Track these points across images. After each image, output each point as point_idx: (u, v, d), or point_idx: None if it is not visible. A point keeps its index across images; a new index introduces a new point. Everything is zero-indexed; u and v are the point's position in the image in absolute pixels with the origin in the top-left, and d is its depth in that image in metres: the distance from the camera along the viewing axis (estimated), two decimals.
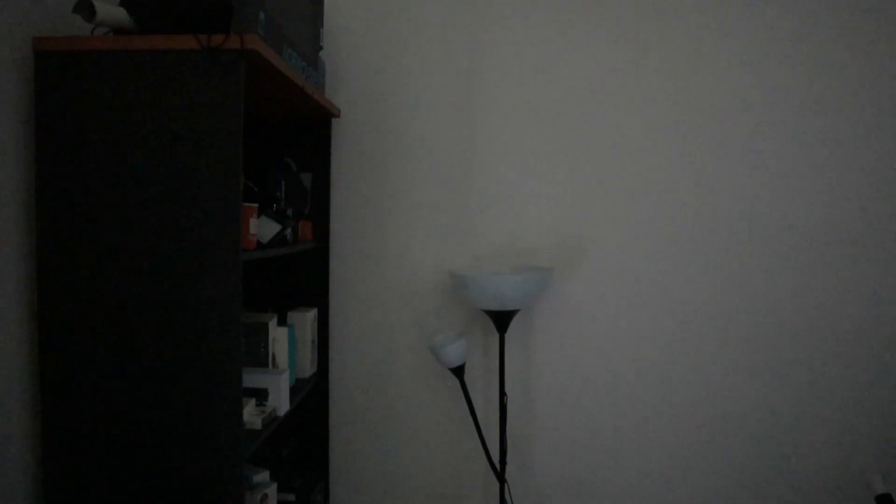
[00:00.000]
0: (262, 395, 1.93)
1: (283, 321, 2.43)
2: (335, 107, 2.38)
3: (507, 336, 2.53)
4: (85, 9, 1.55)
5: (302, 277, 2.48)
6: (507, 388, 2.53)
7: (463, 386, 2.33)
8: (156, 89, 1.58)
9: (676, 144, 2.46)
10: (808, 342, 2.45)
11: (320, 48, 2.22)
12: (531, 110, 2.49)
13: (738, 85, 2.44)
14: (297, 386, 2.22)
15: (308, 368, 2.33)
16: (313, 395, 2.50)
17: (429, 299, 2.53)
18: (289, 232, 2.09)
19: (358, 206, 2.54)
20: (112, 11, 1.58)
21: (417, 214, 2.53)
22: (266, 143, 2.47)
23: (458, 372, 2.32)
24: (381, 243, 2.53)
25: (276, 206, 2.11)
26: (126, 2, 1.62)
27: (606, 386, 2.51)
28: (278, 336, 2.09)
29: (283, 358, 2.10)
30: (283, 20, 1.81)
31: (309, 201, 2.45)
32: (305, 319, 2.30)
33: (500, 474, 2.33)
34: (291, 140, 2.47)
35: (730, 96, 2.44)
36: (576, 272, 2.50)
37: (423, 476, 2.55)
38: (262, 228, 1.92)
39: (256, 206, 1.79)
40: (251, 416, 1.81)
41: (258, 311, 2.47)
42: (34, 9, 1.68)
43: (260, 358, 2.01)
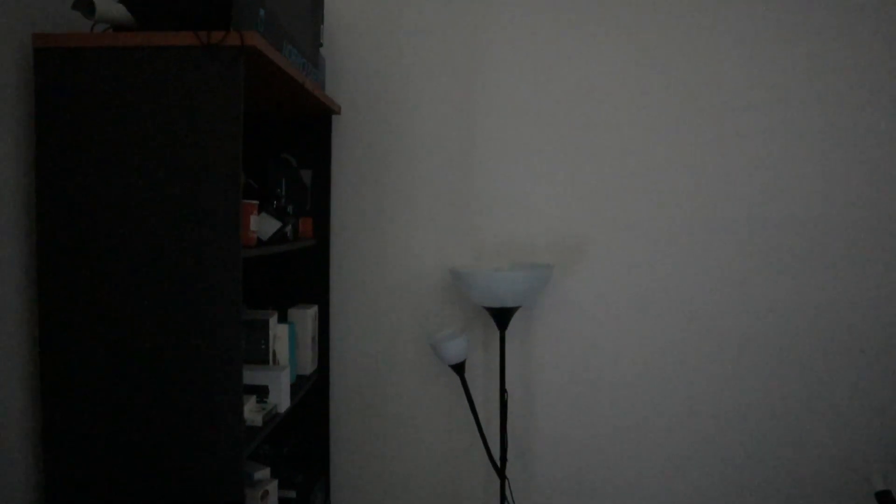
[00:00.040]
0: (262, 393, 1.93)
1: (283, 318, 2.43)
2: (335, 104, 2.37)
3: (508, 333, 2.53)
4: (84, 5, 1.55)
5: (302, 274, 2.48)
6: (508, 385, 2.53)
7: (463, 383, 2.33)
8: (155, 86, 1.57)
9: (676, 143, 2.46)
10: (808, 341, 2.45)
11: (320, 45, 2.22)
12: (532, 108, 2.49)
13: (738, 84, 2.43)
14: (298, 383, 2.22)
15: (309, 365, 2.33)
16: (314, 392, 2.50)
17: (429, 296, 2.53)
18: (289, 229, 2.09)
19: (358, 203, 2.54)
20: (112, 8, 1.58)
21: (418, 211, 2.52)
22: (266, 139, 2.47)
23: (459, 369, 2.32)
24: (382, 240, 2.53)
25: (276, 203, 2.11)
26: None
27: (607, 383, 2.51)
28: (279, 333, 2.09)
29: (283, 355, 2.10)
30: (283, 17, 1.80)
31: (309, 198, 2.45)
32: (306, 316, 2.30)
33: (500, 471, 2.34)
34: (292, 137, 2.47)
35: (730, 95, 2.44)
36: (576, 270, 2.50)
37: (423, 472, 2.55)
38: (262, 225, 1.92)
39: (257, 203, 1.79)
40: (252, 413, 1.81)
41: (259, 308, 2.47)
42: (34, 5, 1.68)
43: (260, 355, 2.01)
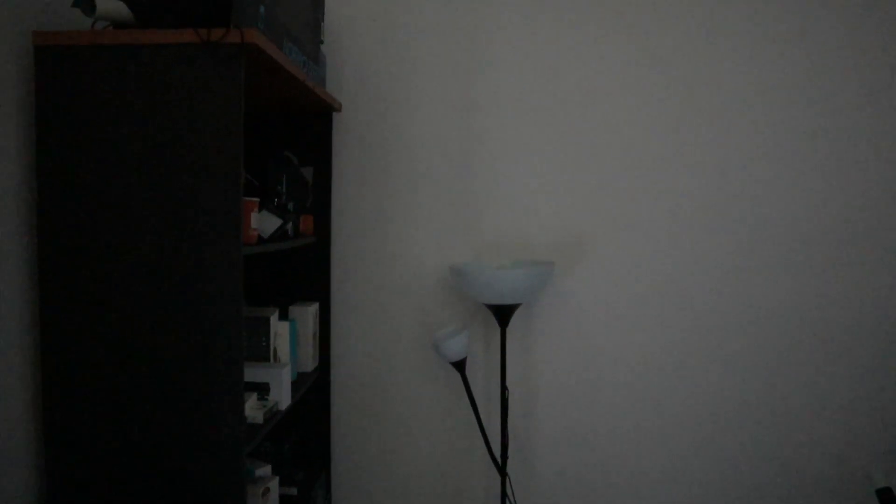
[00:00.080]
0: (263, 390, 1.93)
1: (284, 315, 2.43)
2: (336, 101, 2.37)
3: (509, 331, 2.53)
4: (85, 3, 1.55)
5: (303, 272, 2.48)
6: (509, 383, 2.53)
7: (464, 380, 2.34)
8: (156, 84, 1.57)
9: (677, 141, 2.45)
10: (808, 339, 2.44)
11: (321, 42, 2.22)
12: (533, 105, 2.49)
13: (739, 83, 2.43)
14: (299, 380, 2.23)
15: (310, 363, 2.33)
16: (315, 389, 2.50)
17: (430, 293, 2.53)
18: (290, 226, 2.09)
19: (359, 201, 2.54)
20: (112, 6, 1.58)
21: (419, 209, 2.52)
22: (267, 137, 2.46)
23: (460, 366, 2.32)
24: (383, 238, 2.53)
25: (277, 200, 2.11)
26: None
27: (608, 381, 2.51)
28: (280, 330, 2.09)
29: (284, 352, 2.10)
30: (283, 14, 1.80)
31: (310, 196, 2.45)
32: (307, 314, 2.30)
33: (501, 468, 2.34)
34: (292, 134, 2.47)
35: (731, 94, 2.43)
36: (577, 268, 2.50)
37: (424, 470, 2.56)
38: (263, 223, 1.92)
39: (257, 200, 1.79)
40: (253, 410, 1.81)
41: (260, 305, 2.47)
42: (34, 3, 1.68)
43: (261, 352, 2.01)
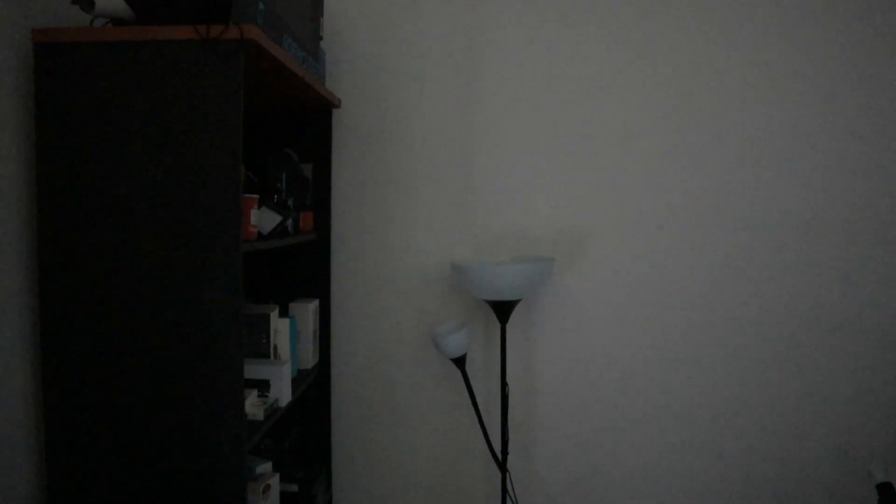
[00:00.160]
0: (263, 387, 1.93)
1: (284, 312, 2.43)
2: (336, 97, 2.37)
3: (509, 327, 2.53)
4: (84, 0, 1.55)
5: (303, 268, 2.48)
6: (509, 379, 2.53)
7: (464, 376, 2.34)
8: (155, 80, 1.57)
9: (677, 139, 2.45)
10: (808, 336, 2.45)
11: (320, 38, 2.21)
12: (533, 101, 2.48)
13: (739, 81, 2.42)
14: (299, 377, 2.23)
15: (310, 359, 2.33)
16: (315, 386, 2.50)
17: (430, 290, 2.53)
18: (290, 223, 2.09)
19: (359, 197, 2.53)
20: (111, 2, 1.57)
21: (418, 205, 2.52)
22: (266, 133, 2.46)
23: (460, 362, 2.32)
24: (383, 234, 2.53)
25: (276, 197, 2.11)
26: None
27: (608, 377, 2.51)
28: (280, 327, 2.09)
29: (284, 349, 2.10)
30: (282, 10, 1.80)
31: (310, 192, 2.45)
32: (307, 310, 2.30)
33: (501, 464, 2.34)
34: (292, 131, 2.47)
35: (731, 90, 2.43)
36: (577, 264, 2.50)
37: (425, 466, 2.56)
38: (262, 219, 1.92)
39: (257, 197, 1.79)
40: (253, 407, 1.81)
41: (260, 302, 2.47)
42: (33, 1, 1.68)
43: (261, 349, 2.01)
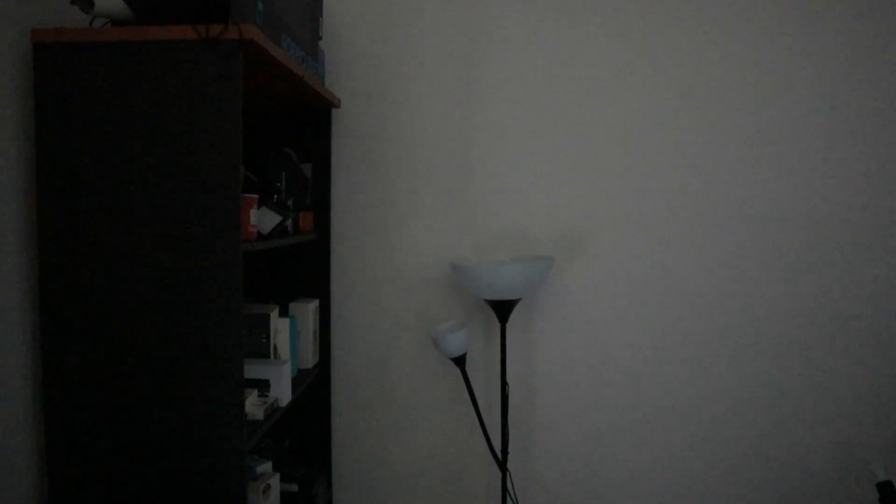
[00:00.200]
0: (263, 386, 1.93)
1: (284, 312, 2.43)
2: (335, 97, 2.37)
3: (509, 326, 2.53)
4: (83, 0, 1.55)
5: (303, 268, 2.48)
6: (509, 378, 2.53)
7: (464, 376, 2.34)
8: (154, 80, 1.57)
9: (677, 137, 2.45)
10: (808, 334, 2.45)
11: (320, 38, 2.21)
12: (533, 101, 2.48)
13: (738, 80, 2.42)
14: (299, 377, 2.23)
15: (310, 359, 2.33)
16: (315, 385, 2.50)
17: (430, 289, 2.53)
18: (289, 223, 2.09)
19: (359, 197, 2.53)
20: (110, 2, 1.57)
21: (418, 204, 2.52)
22: (266, 133, 2.46)
23: (460, 362, 2.32)
24: (383, 233, 2.53)
25: (276, 197, 2.11)
26: None
27: (608, 376, 2.51)
28: (280, 327, 2.09)
29: (284, 349, 2.10)
30: (281, 10, 1.80)
31: (310, 192, 2.45)
32: (307, 310, 2.30)
33: (501, 463, 2.34)
34: (291, 130, 2.47)
35: (731, 90, 2.43)
36: (577, 263, 2.50)
37: (425, 466, 2.56)
38: (262, 219, 1.92)
39: (256, 196, 1.79)
40: (253, 407, 1.81)
41: (260, 302, 2.47)
42: (32, 1, 1.68)
43: (261, 349, 2.01)
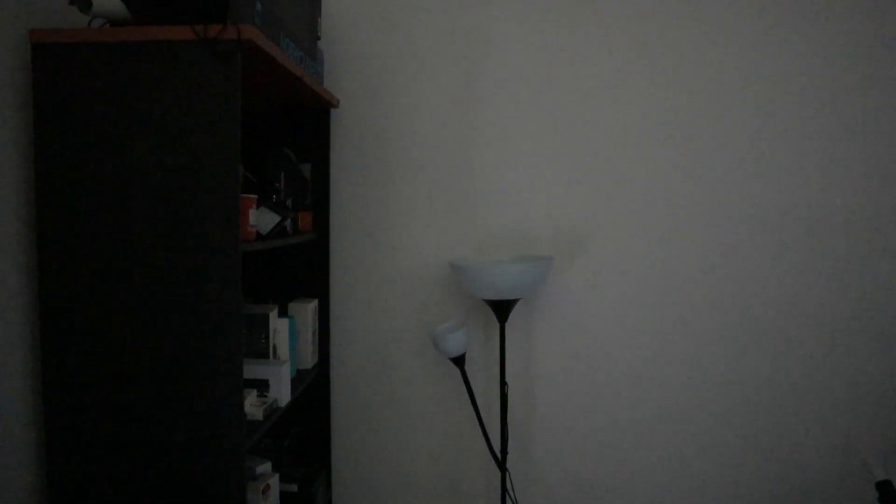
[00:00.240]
0: (263, 387, 1.93)
1: (283, 312, 2.43)
2: (334, 97, 2.37)
3: (508, 326, 2.53)
4: (81, 1, 1.55)
5: (302, 268, 2.48)
6: (508, 378, 2.53)
7: (464, 376, 2.34)
8: (153, 81, 1.57)
9: (677, 137, 2.45)
10: (808, 334, 2.45)
11: (318, 38, 2.21)
12: (532, 101, 2.48)
13: (739, 79, 2.42)
14: (299, 377, 2.23)
15: (309, 359, 2.33)
16: (314, 385, 2.50)
17: (429, 289, 2.53)
18: (288, 223, 2.09)
19: (358, 197, 2.53)
20: (108, 3, 1.57)
21: (417, 204, 2.52)
22: (265, 133, 2.46)
23: (459, 362, 2.32)
24: (382, 234, 2.53)
25: (275, 197, 2.11)
26: None
27: (607, 376, 2.51)
28: (279, 327, 2.09)
29: (283, 349, 2.10)
30: (280, 10, 1.80)
31: (309, 192, 2.45)
32: (306, 310, 2.30)
33: (501, 463, 2.34)
34: (290, 131, 2.47)
35: (731, 90, 2.43)
36: (577, 263, 2.50)
37: (424, 465, 2.56)
38: (261, 219, 1.92)
39: (255, 197, 1.79)
40: (252, 407, 1.81)
41: (259, 302, 2.47)
42: (31, 1, 1.68)
43: (261, 349, 2.01)
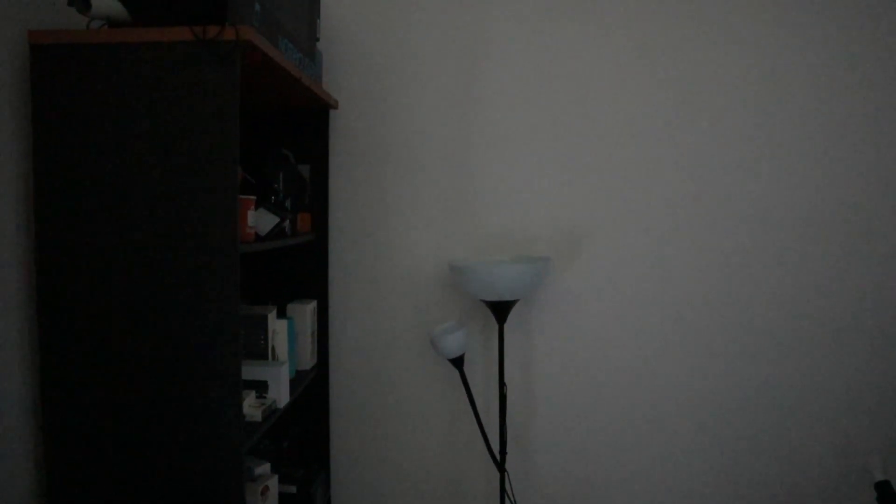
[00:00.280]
0: (261, 388, 1.93)
1: (282, 313, 2.43)
2: (333, 98, 2.37)
3: (507, 327, 2.53)
4: (80, 2, 1.55)
5: (301, 269, 2.48)
6: (507, 379, 2.53)
7: (462, 376, 2.34)
8: (151, 82, 1.57)
9: (676, 137, 2.45)
10: (807, 334, 2.45)
11: (317, 39, 2.22)
12: (531, 102, 2.49)
13: (737, 80, 2.43)
14: (297, 378, 2.23)
15: (308, 360, 2.33)
16: (313, 386, 2.50)
17: (428, 290, 2.53)
18: (287, 224, 2.09)
19: (357, 198, 2.53)
20: (107, 4, 1.57)
21: (416, 205, 2.52)
22: (263, 134, 2.46)
23: (458, 362, 2.33)
24: (381, 234, 2.53)
25: (274, 198, 2.11)
26: None
27: (607, 376, 2.51)
28: (278, 328, 2.09)
29: (282, 350, 2.10)
30: (278, 11, 1.80)
31: (308, 193, 2.45)
32: (305, 311, 2.30)
33: (500, 464, 2.34)
34: (289, 132, 2.47)
35: (731, 90, 2.43)
36: (577, 263, 2.50)
37: (423, 466, 2.56)
38: (259, 221, 1.92)
39: (254, 198, 1.79)
40: (251, 408, 1.81)
41: (258, 303, 2.47)
42: (30, 2, 1.68)
43: (260, 350, 2.01)
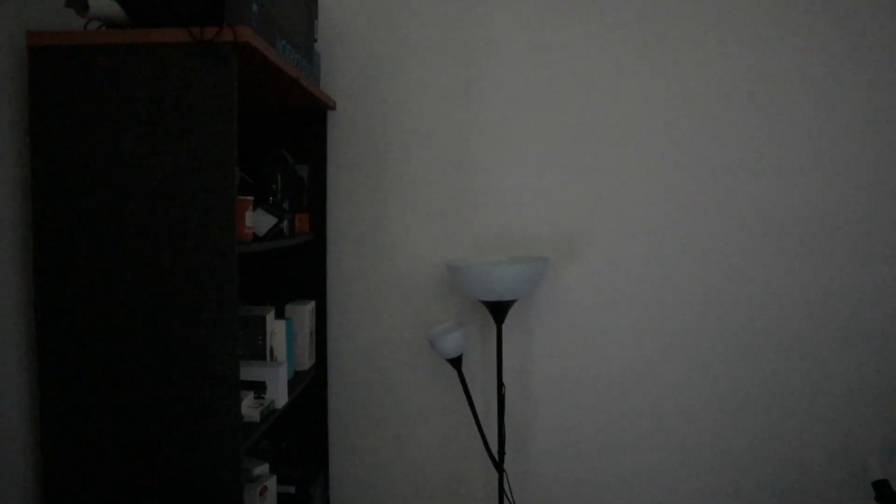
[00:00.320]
0: (260, 388, 1.93)
1: (280, 314, 2.44)
2: (331, 99, 2.37)
3: (505, 327, 2.53)
4: (78, 3, 1.55)
5: (299, 270, 2.48)
6: (505, 379, 2.54)
7: (461, 377, 2.34)
8: (149, 83, 1.57)
9: (675, 137, 2.46)
10: (806, 334, 2.45)
11: (315, 40, 2.22)
12: (530, 102, 2.49)
13: (739, 79, 2.43)
14: (296, 378, 2.23)
15: (306, 361, 2.33)
16: (312, 387, 2.50)
17: (427, 290, 2.53)
18: (285, 224, 2.09)
19: (355, 198, 2.54)
20: (105, 5, 1.57)
21: (415, 206, 2.52)
22: (261, 135, 2.46)
23: (456, 363, 2.33)
24: (379, 235, 2.54)
25: (272, 198, 2.11)
26: None
27: (604, 377, 2.51)
28: (276, 329, 2.09)
29: (281, 351, 2.10)
30: (276, 12, 1.80)
31: (306, 194, 2.45)
32: (303, 312, 2.30)
33: (498, 464, 2.34)
34: (287, 132, 2.47)
35: (731, 90, 2.43)
36: (574, 263, 2.50)
37: (422, 466, 2.56)
38: (258, 221, 1.92)
39: (252, 198, 1.79)
40: (249, 409, 1.81)
41: (256, 304, 2.47)
42: (28, 3, 1.68)
43: (258, 351, 2.01)
